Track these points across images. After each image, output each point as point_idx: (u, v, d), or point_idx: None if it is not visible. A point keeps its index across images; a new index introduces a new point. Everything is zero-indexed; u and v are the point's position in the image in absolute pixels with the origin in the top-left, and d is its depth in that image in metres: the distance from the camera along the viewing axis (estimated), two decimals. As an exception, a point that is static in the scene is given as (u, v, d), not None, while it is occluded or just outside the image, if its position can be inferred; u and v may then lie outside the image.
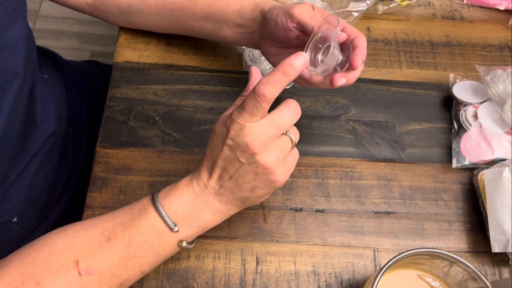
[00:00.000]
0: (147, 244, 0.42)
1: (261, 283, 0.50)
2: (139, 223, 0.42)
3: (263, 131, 0.40)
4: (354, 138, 0.59)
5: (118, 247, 0.41)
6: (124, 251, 0.41)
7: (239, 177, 0.42)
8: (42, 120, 0.56)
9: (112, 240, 0.41)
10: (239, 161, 0.41)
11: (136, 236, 0.42)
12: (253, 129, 0.40)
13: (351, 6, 0.67)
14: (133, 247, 0.42)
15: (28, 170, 0.55)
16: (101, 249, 0.41)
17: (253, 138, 0.40)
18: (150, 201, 0.43)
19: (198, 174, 0.43)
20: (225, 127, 0.41)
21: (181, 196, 0.43)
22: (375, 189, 0.56)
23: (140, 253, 0.42)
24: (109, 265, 0.41)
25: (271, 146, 0.41)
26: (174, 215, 0.42)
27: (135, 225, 0.42)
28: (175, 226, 0.42)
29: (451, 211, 0.55)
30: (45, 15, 1.53)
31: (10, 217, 0.55)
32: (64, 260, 0.40)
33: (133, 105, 0.60)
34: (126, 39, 0.64)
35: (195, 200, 0.43)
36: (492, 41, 0.67)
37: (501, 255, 0.52)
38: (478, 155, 0.56)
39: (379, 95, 0.62)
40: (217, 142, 0.42)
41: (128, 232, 0.42)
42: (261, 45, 0.53)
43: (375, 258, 0.52)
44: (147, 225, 0.42)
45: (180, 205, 0.43)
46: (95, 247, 0.41)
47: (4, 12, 0.43)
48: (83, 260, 0.40)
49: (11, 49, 0.45)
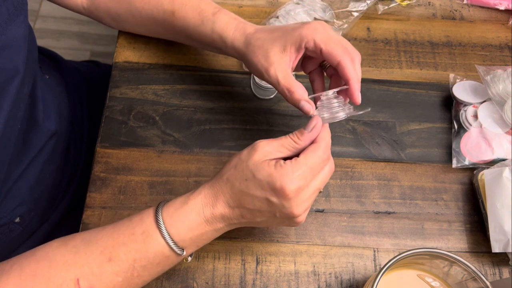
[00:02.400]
0: (152, 266, 0.41)
1: (261, 283, 0.50)
2: (144, 248, 0.40)
3: (308, 198, 0.41)
4: (354, 138, 0.59)
5: (122, 269, 0.40)
6: (128, 273, 0.41)
7: (259, 212, 0.41)
8: (44, 120, 0.56)
9: (114, 261, 0.40)
10: (274, 215, 0.41)
11: (140, 260, 0.41)
12: (302, 198, 0.40)
13: (351, 6, 0.67)
14: (138, 269, 0.41)
15: (31, 171, 0.55)
16: (102, 269, 0.40)
17: (301, 208, 0.40)
18: (155, 223, 0.41)
19: (213, 201, 0.41)
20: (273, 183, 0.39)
21: (189, 222, 0.41)
22: (375, 189, 0.56)
23: (144, 273, 0.41)
24: (112, 285, 0.40)
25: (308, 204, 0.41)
26: (182, 242, 0.41)
27: (139, 249, 0.40)
28: (182, 251, 0.41)
29: (451, 211, 0.55)
30: (45, 15, 1.53)
31: (12, 217, 0.55)
32: (63, 276, 0.39)
33: (133, 105, 0.60)
34: (126, 39, 0.64)
35: (206, 227, 0.42)
36: (492, 41, 0.67)
37: (501, 255, 0.52)
38: (478, 155, 0.56)
39: (379, 95, 0.62)
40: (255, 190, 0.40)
41: (132, 256, 0.40)
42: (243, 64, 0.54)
43: (375, 258, 0.52)
44: (152, 250, 0.41)
45: (188, 232, 0.41)
46: (96, 266, 0.40)
47: (5, 10, 0.44)
48: (84, 279, 0.39)
49: (12, 47, 0.45)
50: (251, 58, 0.48)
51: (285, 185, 0.39)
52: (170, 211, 0.41)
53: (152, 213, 0.42)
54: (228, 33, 0.51)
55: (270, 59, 0.46)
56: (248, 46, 0.48)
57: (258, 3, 0.68)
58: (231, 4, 0.68)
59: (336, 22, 0.65)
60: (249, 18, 0.66)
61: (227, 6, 0.67)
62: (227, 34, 0.51)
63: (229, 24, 0.51)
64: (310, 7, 0.65)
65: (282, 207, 0.40)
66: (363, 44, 0.66)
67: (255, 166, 0.40)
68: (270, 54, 0.46)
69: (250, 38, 0.49)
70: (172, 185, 0.55)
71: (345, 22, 0.66)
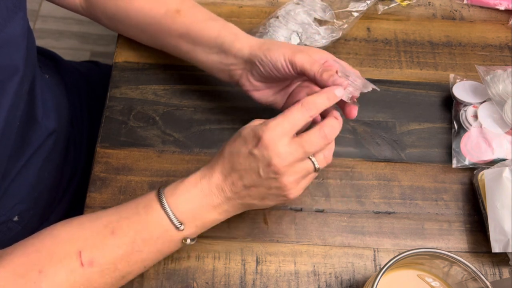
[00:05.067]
0: (152, 240, 0.42)
1: (261, 283, 0.50)
2: (145, 219, 0.42)
3: (290, 154, 0.41)
4: (354, 138, 0.59)
5: (123, 241, 0.42)
6: (129, 246, 0.42)
7: (252, 187, 0.42)
8: (43, 118, 0.56)
9: (116, 233, 0.42)
10: (258, 173, 0.41)
11: (141, 232, 0.42)
12: (282, 149, 0.40)
13: (351, 6, 0.67)
14: (138, 242, 0.42)
15: (29, 168, 0.55)
16: (105, 241, 0.41)
17: (280, 158, 0.40)
18: (156, 198, 0.43)
19: (209, 173, 0.43)
20: (255, 136, 0.41)
21: (188, 194, 0.43)
22: (375, 189, 0.56)
23: (144, 248, 0.42)
24: (112, 258, 0.41)
25: (293, 168, 0.41)
26: (180, 214, 0.42)
27: (141, 220, 0.42)
28: (181, 225, 0.42)
29: (451, 211, 0.55)
30: (45, 15, 1.53)
31: (11, 215, 0.55)
32: (67, 250, 0.40)
33: (133, 105, 0.60)
34: (126, 39, 0.64)
35: (203, 200, 0.43)
36: (492, 41, 0.67)
37: (501, 255, 0.52)
38: (478, 155, 0.56)
39: (379, 95, 0.62)
40: (241, 147, 0.42)
41: (134, 227, 0.42)
42: (243, 80, 0.52)
43: (375, 258, 0.52)
44: (152, 221, 0.42)
45: (187, 204, 0.43)
46: (99, 239, 0.41)
47: (4, 8, 0.44)
48: (86, 251, 0.40)
49: (11, 44, 0.45)
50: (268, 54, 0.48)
51: (263, 133, 0.40)
52: (172, 187, 0.44)
53: (155, 190, 0.44)
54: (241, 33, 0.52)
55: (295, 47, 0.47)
56: (262, 45, 0.49)
57: (258, 3, 0.68)
58: (231, 4, 0.68)
59: (336, 22, 0.65)
60: (249, 18, 0.67)
61: (227, 6, 0.67)
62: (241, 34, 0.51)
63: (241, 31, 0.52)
64: (310, 7, 0.65)
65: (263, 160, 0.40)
66: (363, 44, 0.66)
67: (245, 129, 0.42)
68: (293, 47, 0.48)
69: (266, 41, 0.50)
70: (172, 185, 0.55)
71: (345, 22, 0.66)
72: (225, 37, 0.51)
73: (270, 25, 0.63)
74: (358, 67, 0.64)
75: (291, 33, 0.62)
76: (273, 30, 0.63)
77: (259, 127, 0.41)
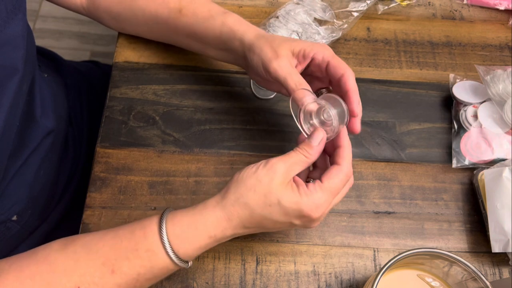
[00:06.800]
0: (156, 278, 0.42)
1: (261, 283, 0.50)
2: (149, 265, 0.41)
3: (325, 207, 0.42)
4: (354, 138, 0.59)
5: (125, 282, 0.40)
6: (131, 285, 0.41)
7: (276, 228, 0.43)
8: (41, 116, 0.56)
9: (117, 274, 0.40)
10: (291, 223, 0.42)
11: (145, 274, 0.41)
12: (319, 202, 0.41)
13: (351, 6, 0.67)
14: (141, 281, 0.41)
15: (28, 167, 0.55)
16: (104, 279, 0.40)
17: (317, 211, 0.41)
18: (160, 243, 0.40)
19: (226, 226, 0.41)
20: (300, 214, 0.41)
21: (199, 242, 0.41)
22: (375, 189, 0.56)
23: (147, 284, 0.42)
24: None
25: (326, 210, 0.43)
26: (188, 257, 0.42)
27: (144, 265, 0.40)
28: (187, 264, 0.42)
29: (451, 211, 0.55)
30: (45, 15, 1.53)
31: (9, 215, 0.55)
32: (64, 284, 0.39)
33: (133, 105, 0.60)
34: (126, 39, 0.64)
35: (214, 244, 0.42)
36: (492, 41, 0.67)
37: (501, 255, 0.52)
38: (478, 155, 0.56)
39: (379, 95, 0.62)
40: (279, 216, 0.41)
41: (136, 271, 0.40)
42: (247, 71, 0.53)
43: (375, 258, 0.52)
44: (158, 267, 0.41)
45: (197, 250, 0.42)
46: (98, 276, 0.40)
47: (4, 8, 0.44)
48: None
49: (11, 44, 0.45)
50: (259, 49, 0.48)
51: (311, 213, 0.41)
52: (177, 231, 0.41)
53: (156, 230, 0.41)
54: (240, 26, 0.51)
55: (278, 52, 0.47)
56: (259, 39, 0.49)
57: (258, 3, 0.68)
58: (231, 4, 0.68)
59: (336, 22, 0.65)
60: (249, 18, 0.66)
61: (227, 6, 0.67)
62: (239, 27, 0.51)
63: (242, 20, 0.52)
64: (310, 7, 0.65)
65: (303, 226, 0.43)
66: (363, 44, 0.66)
67: (280, 191, 0.40)
68: (279, 48, 0.47)
69: (264, 34, 0.50)
70: (172, 185, 0.55)
71: (345, 22, 0.66)
72: (225, 36, 0.52)
73: (270, 25, 0.63)
74: (358, 67, 0.64)
75: (291, 33, 0.62)
76: (273, 30, 0.63)
77: (303, 203, 0.40)
